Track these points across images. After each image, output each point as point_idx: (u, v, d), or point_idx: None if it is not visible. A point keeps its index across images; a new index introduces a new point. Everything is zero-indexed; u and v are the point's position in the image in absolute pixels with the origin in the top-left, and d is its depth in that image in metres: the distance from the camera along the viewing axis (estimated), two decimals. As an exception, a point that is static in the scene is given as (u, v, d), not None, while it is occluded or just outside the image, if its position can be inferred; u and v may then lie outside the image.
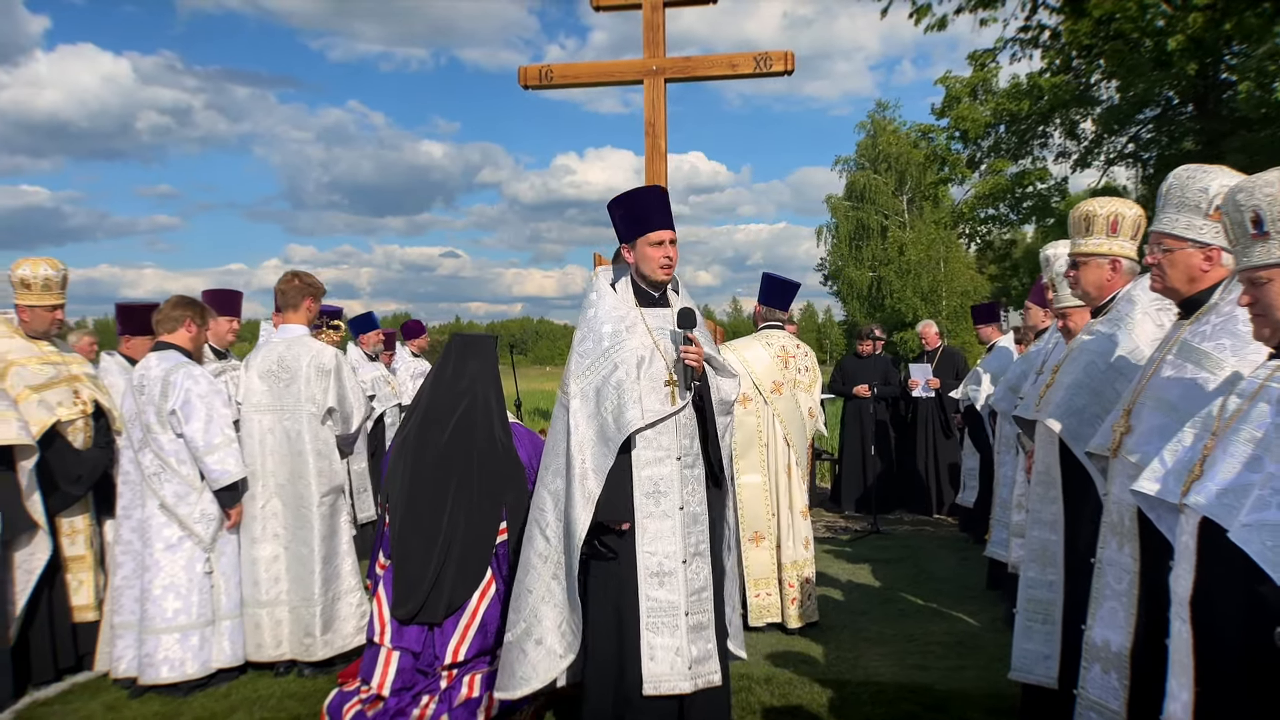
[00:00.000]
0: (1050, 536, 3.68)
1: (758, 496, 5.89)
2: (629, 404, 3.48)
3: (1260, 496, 1.98)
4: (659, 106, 11.05)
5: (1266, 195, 2.09)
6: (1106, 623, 3.02)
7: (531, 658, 3.67)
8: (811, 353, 6.26)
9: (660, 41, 11.15)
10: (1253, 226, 2.13)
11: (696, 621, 3.54)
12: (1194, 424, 2.32)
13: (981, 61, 19.26)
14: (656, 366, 3.56)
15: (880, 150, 41.42)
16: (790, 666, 4.94)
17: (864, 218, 42.36)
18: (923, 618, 5.90)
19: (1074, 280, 3.77)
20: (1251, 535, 1.95)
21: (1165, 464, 2.34)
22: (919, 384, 9.74)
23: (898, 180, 41.46)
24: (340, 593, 5.01)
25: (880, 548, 8.10)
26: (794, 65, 10.91)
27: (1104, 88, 17.79)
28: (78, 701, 4.58)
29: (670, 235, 3.61)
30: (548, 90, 11.36)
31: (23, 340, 4.88)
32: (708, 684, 3.52)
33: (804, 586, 5.80)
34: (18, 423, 4.44)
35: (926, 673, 4.85)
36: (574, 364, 3.72)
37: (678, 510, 3.55)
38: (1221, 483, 2.09)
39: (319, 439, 4.97)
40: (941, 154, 21.23)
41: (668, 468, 3.55)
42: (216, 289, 5.88)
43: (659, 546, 3.54)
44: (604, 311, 3.72)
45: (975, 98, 19.72)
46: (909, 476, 9.99)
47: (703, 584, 3.58)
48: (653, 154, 11.09)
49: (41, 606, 4.77)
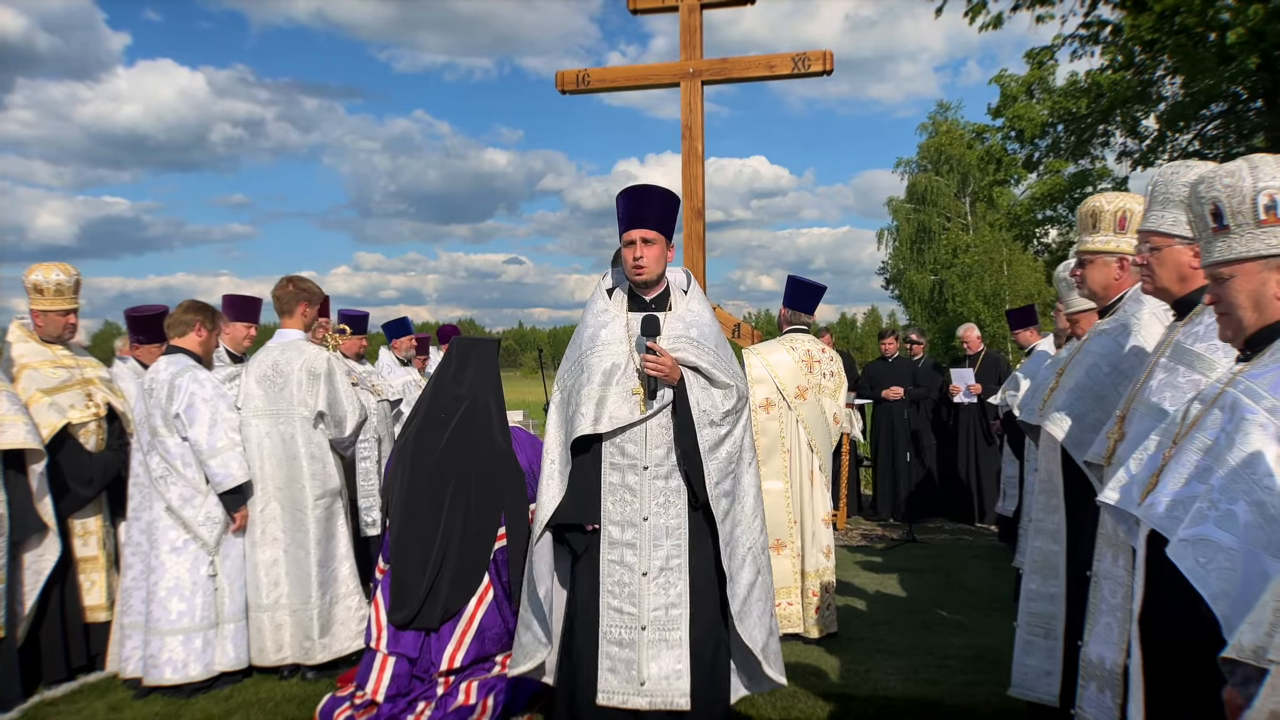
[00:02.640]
0: (1052, 547, 3.50)
1: (779, 503, 5.74)
2: (580, 410, 3.44)
3: (1199, 510, 1.84)
4: (696, 109, 10.97)
5: (1225, 186, 1.94)
6: (1101, 639, 2.86)
7: (524, 641, 3.67)
8: (838, 357, 6.11)
9: (697, 44, 11.08)
10: (1212, 220, 1.98)
11: (660, 638, 3.41)
12: (1159, 430, 2.17)
13: (1039, 59, 18.78)
14: (629, 374, 3.48)
15: (942, 152, 40.64)
16: (798, 679, 4.79)
17: (925, 220, 41.60)
18: (945, 630, 5.70)
19: (1080, 279, 3.59)
20: (1186, 551, 1.81)
21: (1130, 472, 2.20)
22: (960, 390, 9.48)
23: (960, 182, 40.66)
24: (338, 596, 5.00)
25: (913, 557, 7.88)
26: (833, 65, 10.75)
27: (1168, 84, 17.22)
28: (84, 701, 4.62)
29: (641, 235, 3.49)
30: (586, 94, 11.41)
31: (36, 344, 4.97)
32: (668, 705, 3.37)
33: (824, 596, 5.65)
34: (25, 427, 4.51)
35: (938, 687, 4.68)
36: (560, 368, 3.72)
37: (642, 520, 3.45)
38: (1170, 493, 1.95)
39: (312, 443, 4.98)
40: (996, 154, 20.74)
41: (634, 476, 3.47)
42: (235, 294, 5.92)
43: (621, 555, 3.47)
44: (590, 317, 3.68)
45: (1031, 97, 19.21)
46: (951, 484, 9.73)
47: (673, 600, 3.44)
48: (689, 157, 11.02)
49: (53, 606, 4.85)
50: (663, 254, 3.56)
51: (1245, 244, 1.95)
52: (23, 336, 4.98)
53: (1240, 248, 1.95)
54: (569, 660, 3.60)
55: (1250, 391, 1.90)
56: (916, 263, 42.41)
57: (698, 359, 3.51)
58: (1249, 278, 1.96)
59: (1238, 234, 1.95)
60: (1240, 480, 1.83)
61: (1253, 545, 1.77)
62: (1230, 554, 1.79)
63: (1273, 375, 1.88)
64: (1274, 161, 1.92)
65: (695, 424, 3.44)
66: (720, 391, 3.53)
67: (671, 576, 3.45)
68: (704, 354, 3.53)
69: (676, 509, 3.48)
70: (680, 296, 3.67)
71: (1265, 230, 1.92)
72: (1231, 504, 1.82)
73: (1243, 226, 1.94)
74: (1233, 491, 1.83)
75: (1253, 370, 1.95)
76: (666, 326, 3.54)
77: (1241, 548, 1.78)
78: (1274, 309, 1.95)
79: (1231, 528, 1.81)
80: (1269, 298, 1.95)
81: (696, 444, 3.44)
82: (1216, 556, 1.81)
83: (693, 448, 3.44)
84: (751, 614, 3.52)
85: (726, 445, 3.51)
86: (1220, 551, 1.81)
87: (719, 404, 3.51)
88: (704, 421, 3.46)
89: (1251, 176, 1.92)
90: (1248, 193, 1.92)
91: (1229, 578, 1.78)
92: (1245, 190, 1.92)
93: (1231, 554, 1.79)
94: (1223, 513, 1.83)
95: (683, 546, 3.48)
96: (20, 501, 4.57)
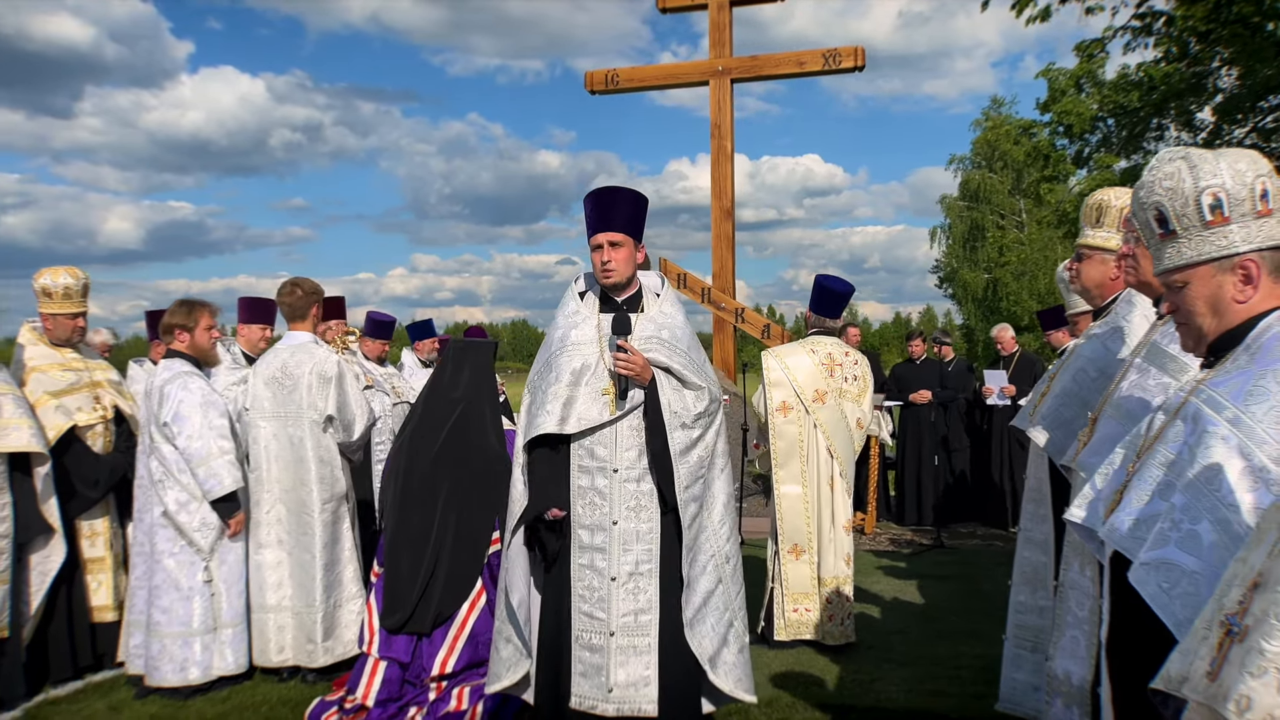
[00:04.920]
0: (1041, 558, 3.38)
1: (797, 508, 5.64)
2: (546, 408, 3.41)
3: (1161, 530, 1.72)
4: (725, 107, 10.94)
5: (1166, 189, 1.83)
6: (1068, 653, 2.74)
7: (504, 654, 3.62)
8: (863, 360, 5.97)
9: (726, 41, 11.03)
10: (1158, 225, 1.86)
11: (629, 644, 3.36)
12: (1124, 443, 2.05)
13: (1089, 52, 18.32)
14: (599, 374, 3.43)
15: (995, 148, 39.88)
16: (798, 688, 4.70)
17: (978, 218, 40.88)
18: (958, 639, 5.55)
19: (1074, 274, 3.45)
20: (1149, 576, 1.70)
21: (1095, 487, 2.08)
22: (993, 391, 9.26)
23: (1015, 179, 39.85)
24: (342, 600, 5.00)
25: (938, 563, 7.70)
26: (864, 61, 10.62)
27: (1224, 76, 16.68)
28: (85, 701, 4.68)
29: (609, 238, 3.44)
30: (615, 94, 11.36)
31: (45, 347, 5.05)
32: (635, 712, 3.33)
33: (842, 604, 5.53)
34: (30, 430, 4.58)
35: (942, 699, 4.55)
36: (530, 370, 3.70)
37: (612, 524, 3.40)
38: (1134, 511, 1.83)
39: (321, 446, 4.98)
40: (1044, 150, 20.26)
41: (604, 479, 3.42)
42: (251, 296, 5.98)
43: (591, 559, 3.43)
44: (561, 318, 3.65)
45: (1080, 91, 18.72)
46: (983, 488, 9.51)
47: (642, 606, 3.39)
48: (718, 156, 11.00)
49: (60, 606, 4.91)
50: (631, 256, 3.51)
51: (1195, 248, 1.83)
52: (33, 340, 5.06)
53: (1190, 252, 1.83)
54: (550, 665, 3.56)
55: (1212, 401, 1.78)
56: (970, 261, 41.70)
57: (669, 360, 3.45)
58: (1203, 283, 1.84)
59: (1185, 238, 1.83)
60: (1203, 498, 1.70)
61: (1218, 567, 1.65)
62: (1194, 578, 1.67)
63: (1235, 383, 1.76)
64: (1213, 158, 1.80)
65: (666, 426, 3.38)
66: (692, 393, 3.47)
67: (641, 582, 3.40)
68: (676, 355, 3.47)
69: (648, 513, 3.43)
70: (653, 299, 3.62)
71: (1213, 231, 1.80)
72: (1194, 524, 1.70)
73: (1190, 230, 1.82)
74: (1195, 510, 1.71)
75: (1215, 378, 1.83)
76: (638, 327, 3.49)
77: (1206, 571, 1.66)
78: (1234, 313, 1.83)
79: (1195, 549, 1.68)
80: (1227, 301, 1.83)
81: (667, 446, 3.38)
82: (1180, 581, 1.68)
83: (663, 449, 3.38)
84: (705, 622, 3.44)
85: (698, 449, 3.45)
86: (1184, 576, 1.68)
87: (691, 406, 3.45)
88: (675, 424, 3.40)
89: (1192, 177, 1.81)
90: (1189, 194, 1.81)
91: (1193, 604, 1.65)
92: (1187, 192, 1.81)
93: (1195, 578, 1.67)
94: (1185, 533, 1.71)
95: (654, 552, 3.42)
96: (25, 503, 4.63)
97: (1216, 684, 1.26)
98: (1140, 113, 17.83)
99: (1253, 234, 1.79)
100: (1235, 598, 1.32)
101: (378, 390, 6.82)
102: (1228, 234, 1.80)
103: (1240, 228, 1.78)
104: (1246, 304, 1.81)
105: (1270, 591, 1.24)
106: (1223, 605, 1.34)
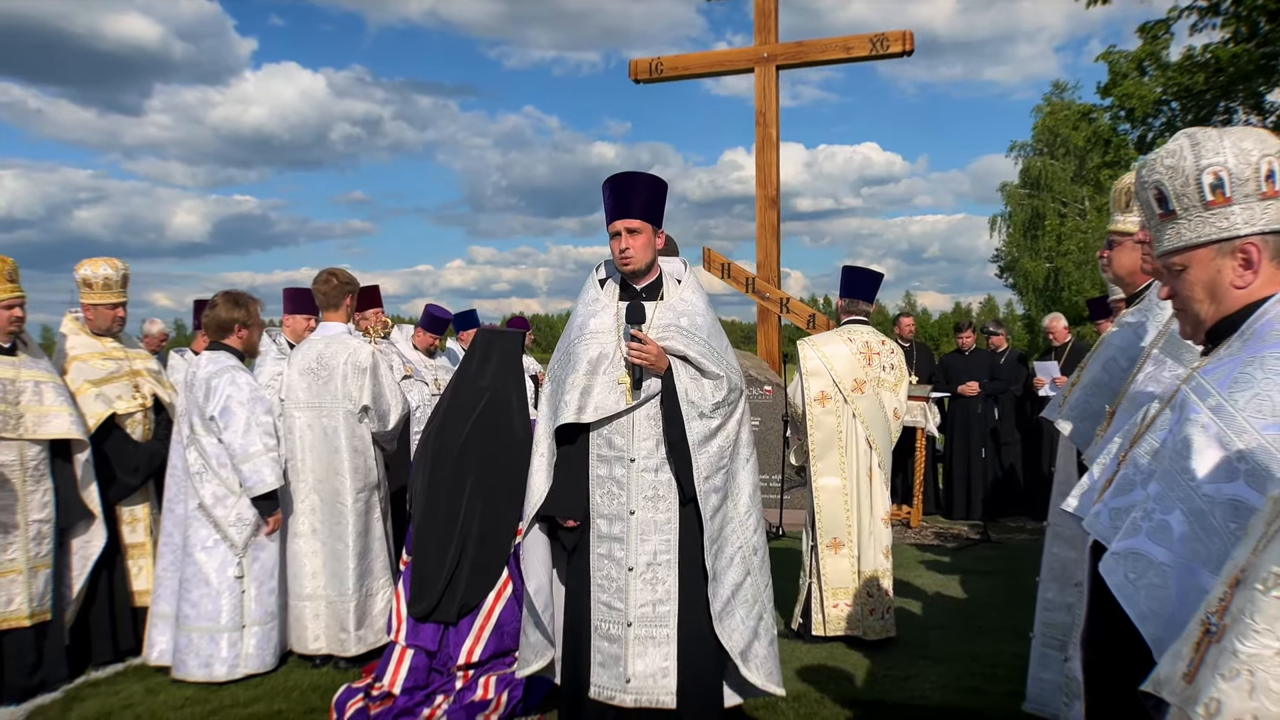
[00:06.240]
0: (1070, 554, 3.27)
1: (836, 500, 5.56)
2: (564, 398, 3.38)
3: (1133, 520, 1.65)
4: (770, 94, 10.81)
5: (1167, 167, 1.74)
6: (1089, 654, 2.63)
7: (533, 640, 3.63)
8: (898, 350, 5.85)
9: (772, 28, 10.89)
10: (1157, 205, 1.77)
11: (647, 634, 3.34)
12: (1122, 432, 1.97)
13: (1153, 33, 17.76)
14: (616, 363, 3.39)
15: (1056, 134, 38.95)
16: (828, 684, 4.62)
17: (1040, 205, 39.99)
18: (999, 637, 5.40)
19: (1106, 262, 3.34)
20: (1117, 566, 1.63)
21: (1092, 477, 2.00)
22: (1045, 383, 9.03)
23: (1077, 165, 38.87)
24: (374, 589, 5.03)
25: (983, 558, 7.54)
26: (913, 45, 10.41)
27: (1295, 55, 16.05)
28: (123, 683, 4.77)
29: (626, 225, 3.39)
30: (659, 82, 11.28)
31: (86, 337, 5.15)
32: (653, 703, 3.31)
33: (882, 599, 5.43)
34: (70, 417, 4.68)
35: (978, 697, 4.44)
36: (551, 359, 3.68)
37: (629, 514, 3.37)
38: (1115, 501, 1.76)
39: (355, 436, 5.01)
40: (1105, 135, 19.69)
41: (622, 469, 3.38)
42: (296, 287, 6.04)
43: (609, 549, 3.40)
44: (581, 306, 3.63)
45: (1143, 74, 18.15)
46: (1035, 482, 9.28)
47: (661, 597, 3.35)
48: (763, 143, 10.88)
49: (101, 591, 5.02)
50: (650, 242, 3.46)
51: (1194, 229, 1.74)
52: (75, 329, 5.17)
53: (1189, 233, 1.74)
54: (571, 654, 3.56)
55: (1199, 389, 1.69)
56: (1031, 250, 40.85)
57: (686, 348, 3.40)
58: (1202, 266, 1.75)
59: (1185, 219, 1.74)
60: (1177, 487, 1.63)
61: (1189, 559, 1.58)
62: (1162, 570, 1.60)
63: (1224, 370, 1.67)
64: (1216, 136, 1.70)
65: (683, 415, 3.34)
66: (711, 382, 3.41)
67: (660, 572, 3.36)
68: (694, 343, 3.42)
69: (666, 503, 3.39)
70: (674, 286, 3.57)
71: (1214, 212, 1.71)
72: (1166, 514, 1.62)
73: (1190, 210, 1.73)
74: (1168, 500, 1.63)
75: (1207, 365, 1.74)
76: (656, 315, 3.45)
77: (1175, 563, 1.59)
78: (1232, 299, 1.74)
79: (1165, 540, 1.61)
80: (1225, 287, 1.73)
81: (684, 435, 3.33)
82: (1147, 572, 1.62)
83: (680, 439, 3.34)
84: (734, 615, 3.40)
85: (718, 439, 3.40)
86: (1151, 567, 1.61)
87: (709, 395, 3.39)
88: (693, 413, 3.35)
89: (1193, 154, 1.71)
90: (1190, 172, 1.71)
91: (1159, 595, 1.59)
92: (1188, 170, 1.71)
93: (1164, 570, 1.60)
94: (1156, 524, 1.63)
95: (672, 542, 3.38)
96: (66, 489, 4.74)
97: (1192, 686, 1.19)
98: (1206, 95, 17.26)
99: (1256, 216, 1.69)
100: (1217, 595, 1.24)
101: (416, 380, 6.87)
102: (1229, 215, 1.70)
103: (1243, 209, 1.68)
104: (1245, 290, 1.71)
105: (1248, 589, 1.17)
106: (1208, 603, 1.27)
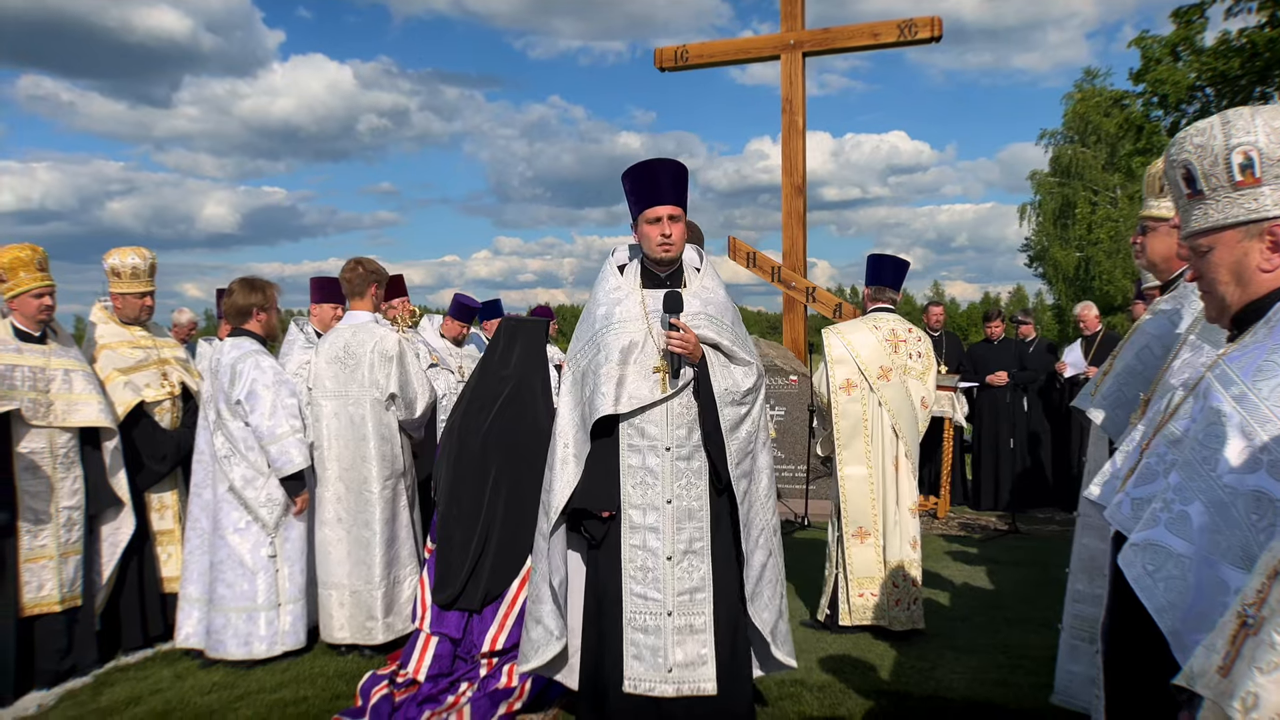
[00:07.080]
0: (1100, 545, 3.20)
1: (861, 490, 5.51)
2: (600, 390, 3.34)
3: (1153, 511, 1.61)
4: (796, 82, 10.73)
5: (1196, 146, 1.70)
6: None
7: (533, 636, 3.60)
8: (926, 338, 5.79)
9: (798, 14, 10.80)
10: (1185, 185, 1.73)
11: (685, 623, 3.34)
12: (1146, 420, 1.93)
13: (1187, 18, 17.46)
14: (648, 352, 3.36)
15: (1088, 122, 38.40)
16: (853, 674, 4.59)
17: (1070, 194, 39.48)
18: (1027, 628, 5.36)
19: (1139, 248, 3.28)
20: (1135, 557, 1.59)
21: (1115, 465, 1.96)
22: (1067, 366, 8.94)
23: (1108, 153, 38.31)
24: (401, 577, 5.05)
25: (1011, 549, 7.47)
26: (941, 31, 10.29)
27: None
28: (152, 669, 4.82)
29: (669, 211, 3.37)
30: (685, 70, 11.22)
31: (115, 326, 5.19)
32: (694, 691, 3.31)
33: (909, 589, 5.38)
34: (98, 405, 4.72)
35: (1004, 689, 4.39)
36: (570, 347, 3.65)
37: (665, 503, 3.35)
38: (1137, 490, 1.72)
39: (382, 424, 5.03)
40: (1137, 122, 19.38)
41: (656, 458, 3.36)
42: (324, 276, 6.06)
43: (644, 539, 3.37)
44: (601, 294, 3.58)
45: (1177, 59, 17.84)
46: (1064, 472, 9.19)
47: (697, 584, 3.36)
48: (789, 131, 10.79)
49: (131, 577, 5.07)
50: (685, 230, 3.45)
51: (1222, 210, 1.69)
52: (104, 318, 5.21)
53: (1217, 214, 1.70)
54: (594, 648, 3.54)
55: (1223, 376, 1.65)
56: (1061, 239, 40.37)
57: (718, 336, 3.40)
58: (1228, 248, 1.70)
59: (1213, 199, 1.70)
60: (1198, 477, 1.59)
61: (1209, 552, 1.54)
62: (1181, 561, 1.56)
63: (1249, 357, 1.62)
64: (1248, 115, 1.66)
65: (719, 403, 3.34)
66: (740, 369, 3.42)
67: (695, 560, 3.37)
68: (723, 331, 3.42)
69: (698, 490, 3.39)
70: (694, 274, 3.55)
71: (1242, 193, 1.66)
72: (1186, 505, 1.59)
73: (1218, 190, 1.69)
74: (1188, 490, 1.59)
75: (1233, 352, 1.69)
76: (685, 303, 3.42)
77: (1194, 555, 1.55)
78: (1259, 282, 1.69)
79: (1184, 532, 1.57)
80: (1252, 270, 1.69)
81: (719, 424, 3.33)
82: (1166, 564, 1.58)
83: (715, 428, 3.34)
84: (763, 595, 3.45)
85: (746, 425, 3.41)
86: (1170, 558, 1.58)
87: (740, 382, 3.40)
88: (726, 400, 3.36)
89: (1223, 134, 1.67)
90: (1219, 152, 1.67)
91: (1178, 588, 1.56)
92: (1217, 149, 1.67)
93: (1183, 561, 1.56)
94: (1176, 515, 1.60)
95: (705, 529, 3.39)
96: (95, 476, 4.79)
97: (1227, 680, 1.15)
98: (1241, 81, 16.96)
99: None
100: (1255, 586, 1.21)
101: (442, 368, 6.88)
102: (1258, 196, 1.65)
103: (1272, 190, 1.64)
104: (1274, 273, 1.67)
105: None
106: (1245, 595, 1.23)
